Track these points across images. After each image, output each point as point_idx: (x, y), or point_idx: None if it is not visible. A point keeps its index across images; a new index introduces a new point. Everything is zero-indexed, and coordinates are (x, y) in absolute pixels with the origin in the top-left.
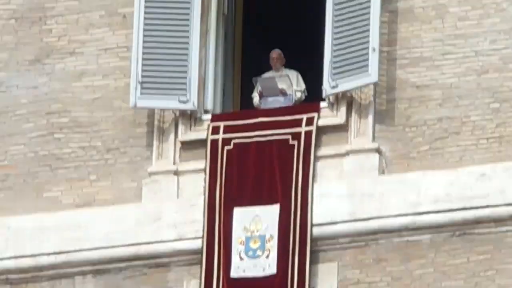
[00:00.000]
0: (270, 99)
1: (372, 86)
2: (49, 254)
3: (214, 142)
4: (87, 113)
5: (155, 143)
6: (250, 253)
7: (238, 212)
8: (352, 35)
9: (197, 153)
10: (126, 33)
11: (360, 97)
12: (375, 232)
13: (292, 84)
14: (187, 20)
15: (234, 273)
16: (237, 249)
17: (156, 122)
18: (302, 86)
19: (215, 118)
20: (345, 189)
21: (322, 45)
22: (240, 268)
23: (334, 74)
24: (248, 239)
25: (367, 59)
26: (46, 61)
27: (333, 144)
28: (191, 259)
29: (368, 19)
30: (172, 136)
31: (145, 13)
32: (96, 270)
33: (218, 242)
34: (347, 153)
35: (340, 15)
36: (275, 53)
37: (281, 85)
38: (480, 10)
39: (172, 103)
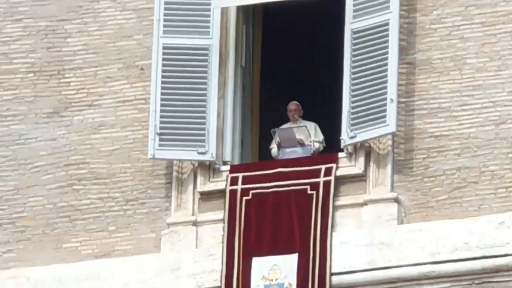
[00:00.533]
0: (288, 150)
1: (390, 136)
2: None
3: (233, 193)
4: (105, 165)
5: (173, 194)
6: None
7: (257, 262)
8: (370, 86)
9: (216, 203)
10: (144, 85)
11: (378, 147)
12: (394, 281)
13: (310, 135)
14: (205, 72)
15: None
16: None
17: (174, 173)
18: (320, 137)
19: (233, 169)
20: (364, 238)
21: (340, 96)
22: None
23: (352, 124)
24: (267, 287)
25: (385, 110)
26: (64, 113)
27: (351, 194)
28: None
29: (386, 70)
30: (190, 187)
31: (163, 65)
32: None
33: None
34: (365, 203)
35: (358, 66)
36: (293, 105)
37: (299, 135)
38: (498, 61)
39: (190, 154)
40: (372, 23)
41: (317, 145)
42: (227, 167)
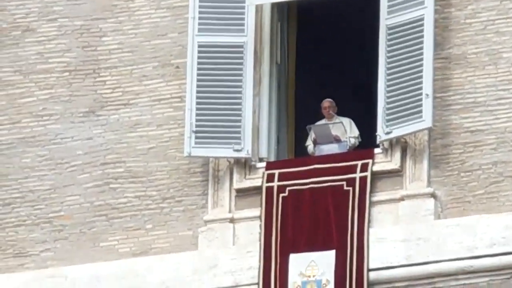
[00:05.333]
0: (324, 146)
1: (426, 132)
2: None
3: (269, 190)
4: (142, 163)
5: (210, 191)
6: None
7: (294, 258)
8: (405, 81)
9: (252, 200)
10: (179, 84)
11: (414, 142)
12: (431, 276)
13: (346, 131)
14: (240, 69)
15: None
16: None
17: (210, 171)
18: (356, 132)
19: (270, 165)
20: (401, 233)
21: (375, 92)
22: None
23: (388, 120)
24: (304, 284)
25: (421, 105)
26: (100, 112)
27: (388, 189)
28: None
29: (421, 65)
30: (227, 184)
31: (198, 63)
32: None
33: None
34: (402, 198)
35: (393, 62)
36: (327, 102)
37: (335, 132)
38: None
39: (226, 152)
40: (407, 18)
41: (352, 140)
42: (263, 164)
